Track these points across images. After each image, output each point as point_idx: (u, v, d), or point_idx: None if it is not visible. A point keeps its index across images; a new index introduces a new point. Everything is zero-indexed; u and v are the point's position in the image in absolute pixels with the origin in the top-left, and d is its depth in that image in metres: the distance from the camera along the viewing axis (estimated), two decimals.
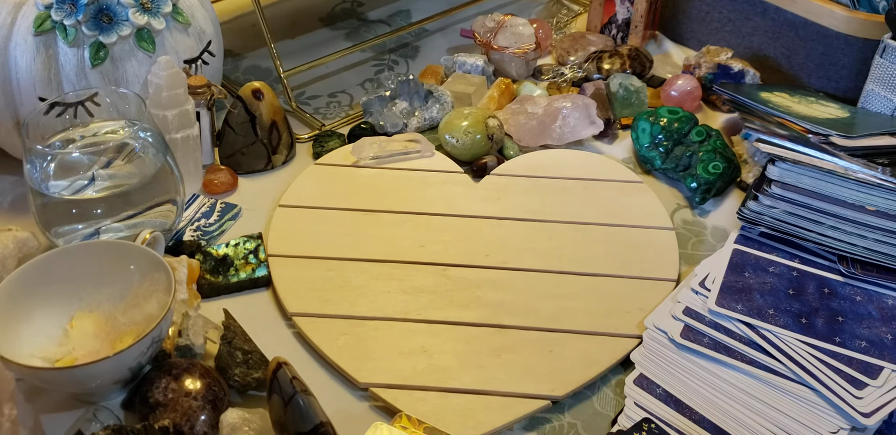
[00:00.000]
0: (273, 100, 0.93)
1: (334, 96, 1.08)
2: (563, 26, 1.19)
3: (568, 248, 0.83)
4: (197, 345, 0.72)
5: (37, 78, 0.82)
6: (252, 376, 0.70)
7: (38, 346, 0.68)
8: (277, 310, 0.78)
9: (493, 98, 1.01)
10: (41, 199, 0.75)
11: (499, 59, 1.08)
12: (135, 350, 0.64)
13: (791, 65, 1.02)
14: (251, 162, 0.94)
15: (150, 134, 0.78)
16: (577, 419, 0.70)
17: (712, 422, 0.67)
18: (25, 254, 0.77)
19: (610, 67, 1.05)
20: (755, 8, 1.02)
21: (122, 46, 0.83)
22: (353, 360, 0.72)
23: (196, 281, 0.78)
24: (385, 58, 1.15)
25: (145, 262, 0.71)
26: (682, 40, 1.14)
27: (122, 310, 0.71)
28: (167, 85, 0.82)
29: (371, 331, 0.75)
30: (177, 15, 0.86)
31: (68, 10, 0.81)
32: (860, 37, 0.94)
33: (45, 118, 0.78)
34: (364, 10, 1.24)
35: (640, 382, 0.71)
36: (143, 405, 0.66)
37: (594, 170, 0.93)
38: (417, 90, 0.99)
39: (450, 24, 1.20)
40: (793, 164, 0.80)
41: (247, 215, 0.89)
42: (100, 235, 0.77)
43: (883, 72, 0.89)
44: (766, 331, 0.71)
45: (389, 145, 0.94)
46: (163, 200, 0.78)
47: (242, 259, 0.81)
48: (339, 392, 0.71)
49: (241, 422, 0.65)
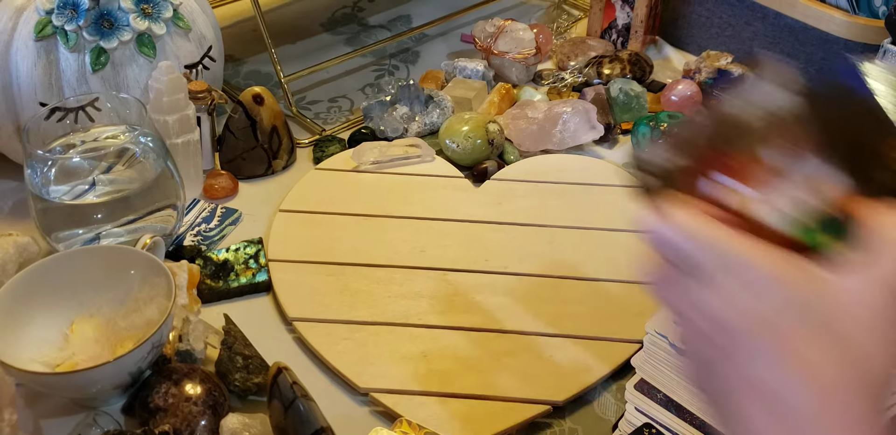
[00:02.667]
0: (273, 105, 0.93)
1: (335, 101, 1.08)
2: (564, 31, 1.19)
3: (568, 252, 0.83)
4: (197, 350, 0.72)
5: (38, 83, 0.82)
6: (252, 381, 0.69)
7: (38, 350, 0.68)
8: (278, 315, 0.78)
9: (494, 103, 1.01)
10: (42, 204, 0.75)
11: (499, 64, 1.08)
12: (135, 355, 0.64)
13: None
14: (252, 167, 0.94)
15: (150, 139, 0.78)
16: (577, 424, 0.70)
17: (714, 427, 0.67)
18: (26, 259, 0.77)
19: (610, 72, 1.05)
20: (755, 13, 1.03)
21: (122, 51, 0.83)
22: (354, 365, 0.72)
23: (196, 286, 0.78)
24: (385, 63, 1.15)
25: (146, 267, 0.71)
26: (683, 45, 1.14)
27: (123, 315, 0.71)
28: (168, 90, 0.83)
29: (371, 336, 0.75)
30: (177, 20, 0.87)
31: (69, 16, 0.81)
32: (860, 42, 0.94)
33: (46, 123, 0.78)
34: (364, 16, 1.24)
35: (641, 387, 0.70)
36: (143, 410, 0.66)
37: (594, 174, 0.93)
38: (418, 95, 0.99)
39: (450, 29, 1.20)
40: None
41: (247, 220, 0.89)
42: (100, 239, 0.77)
43: None
44: None
45: (390, 150, 0.94)
46: (163, 205, 0.78)
47: (243, 264, 0.81)
48: (340, 397, 0.71)
49: (242, 427, 0.65)
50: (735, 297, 0.38)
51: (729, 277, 0.38)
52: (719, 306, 0.38)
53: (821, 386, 0.36)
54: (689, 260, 0.40)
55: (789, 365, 0.37)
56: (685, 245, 0.40)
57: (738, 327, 0.38)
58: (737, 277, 0.38)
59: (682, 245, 0.40)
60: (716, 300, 0.39)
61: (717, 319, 0.39)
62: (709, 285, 0.39)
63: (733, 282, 0.38)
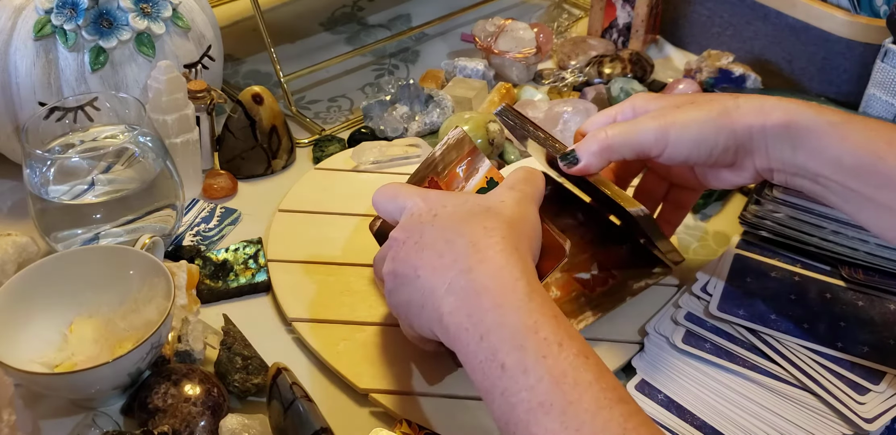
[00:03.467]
0: (273, 104, 0.93)
1: (334, 101, 1.08)
2: (564, 30, 1.19)
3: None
4: (196, 350, 0.71)
5: (36, 82, 0.82)
6: (252, 382, 0.69)
7: (37, 351, 0.68)
8: (277, 315, 0.78)
9: (494, 102, 1.01)
10: (40, 203, 0.75)
11: (499, 64, 1.07)
12: (134, 355, 0.64)
13: (792, 69, 1.02)
14: (251, 166, 0.94)
15: (149, 139, 0.78)
16: None
17: (714, 428, 0.67)
18: (25, 259, 0.77)
19: (611, 72, 1.05)
20: (756, 12, 1.02)
21: (121, 51, 0.83)
22: (354, 365, 0.72)
23: (195, 286, 0.78)
24: (385, 62, 1.15)
25: (145, 267, 0.71)
26: (684, 44, 1.14)
27: (122, 315, 0.71)
28: (167, 89, 0.82)
29: (371, 336, 0.74)
30: (177, 19, 0.86)
31: (68, 15, 0.81)
32: (861, 41, 0.94)
33: (45, 123, 0.78)
34: (364, 15, 1.24)
35: (642, 388, 0.70)
36: (142, 411, 0.66)
37: None
38: (418, 94, 0.98)
39: (450, 28, 1.20)
40: None
41: (246, 220, 0.88)
42: (99, 239, 0.77)
43: (884, 76, 0.89)
44: (767, 336, 0.71)
45: (390, 150, 0.93)
46: (162, 205, 0.78)
47: (242, 264, 0.81)
48: (340, 398, 0.71)
49: (241, 428, 0.65)
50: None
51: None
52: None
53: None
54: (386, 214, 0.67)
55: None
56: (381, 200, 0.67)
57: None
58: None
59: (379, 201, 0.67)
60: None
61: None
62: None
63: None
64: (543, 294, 0.56)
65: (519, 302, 0.54)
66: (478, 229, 0.59)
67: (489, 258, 0.57)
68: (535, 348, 0.52)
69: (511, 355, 0.52)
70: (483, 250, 0.57)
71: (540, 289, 0.56)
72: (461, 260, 0.57)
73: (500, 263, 0.56)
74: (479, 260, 0.57)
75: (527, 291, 0.55)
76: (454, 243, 0.58)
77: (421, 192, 0.65)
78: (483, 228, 0.59)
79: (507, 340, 0.53)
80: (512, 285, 0.55)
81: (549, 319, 0.53)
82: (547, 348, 0.52)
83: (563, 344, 0.52)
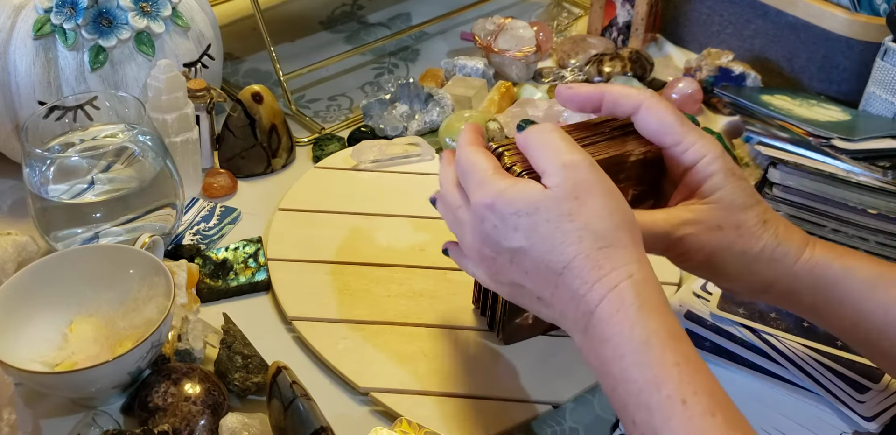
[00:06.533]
0: (273, 103, 0.92)
1: (334, 99, 1.08)
2: (564, 29, 1.19)
3: None
4: (196, 349, 0.71)
5: (36, 81, 0.81)
6: (252, 381, 0.69)
7: (37, 350, 0.68)
8: (277, 314, 0.78)
9: (494, 101, 1.01)
10: (40, 202, 0.75)
11: (499, 62, 1.07)
12: (134, 354, 0.64)
13: (792, 68, 1.02)
14: (251, 165, 0.94)
15: (149, 138, 0.78)
16: (578, 424, 0.70)
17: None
18: (25, 258, 0.77)
19: (611, 70, 1.05)
20: (756, 11, 1.02)
21: (121, 50, 0.83)
22: (353, 364, 0.72)
23: (195, 285, 0.78)
24: (385, 61, 1.15)
25: (145, 266, 0.71)
26: (683, 43, 1.14)
27: (122, 314, 0.71)
28: (166, 88, 0.82)
29: (371, 335, 0.74)
30: (176, 18, 0.86)
31: (68, 14, 0.81)
32: (861, 40, 0.94)
33: (45, 122, 0.78)
34: (364, 14, 1.24)
35: None
36: (142, 410, 0.66)
37: None
38: (418, 93, 0.98)
39: (450, 27, 1.20)
40: (794, 168, 0.80)
41: (246, 219, 0.88)
42: (99, 238, 0.77)
43: (884, 75, 0.89)
44: (767, 335, 0.70)
45: (389, 149, 0.93)
46: (162, 204, 0.78)
47: (242, 263, 0.81)
48: (339, 396, 0.71)
49: (241, 426, 0.65)
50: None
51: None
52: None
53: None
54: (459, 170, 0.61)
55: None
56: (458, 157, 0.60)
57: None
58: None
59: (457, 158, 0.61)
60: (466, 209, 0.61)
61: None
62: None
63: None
64: (662, 332, 0.52)
65: (637, 351, 0.50)
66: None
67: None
68: (659, 408, 0.49)
69: (639, 414, 0.50)
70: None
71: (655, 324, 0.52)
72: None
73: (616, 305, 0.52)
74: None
75: (644, 337, 0.51)
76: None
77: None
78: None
79: (633, 394, 0.50)
80: (629, 333, 0.51)
81: (671, 369, 0.50)
82: (671, 408, 0.48)
83: (687, 402, 0.48)
